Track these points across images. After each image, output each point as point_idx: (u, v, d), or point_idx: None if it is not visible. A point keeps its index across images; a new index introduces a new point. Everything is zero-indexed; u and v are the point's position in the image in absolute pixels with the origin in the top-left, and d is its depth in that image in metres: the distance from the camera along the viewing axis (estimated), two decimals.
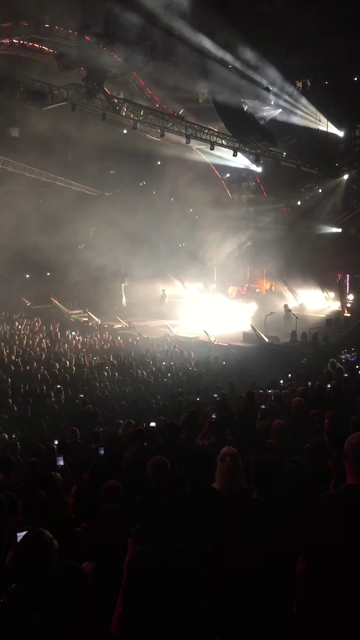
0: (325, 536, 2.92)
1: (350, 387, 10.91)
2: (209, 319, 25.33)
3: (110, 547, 3.47)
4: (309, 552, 3.05)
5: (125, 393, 15.27)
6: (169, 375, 17.88)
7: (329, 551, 2.88)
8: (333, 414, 7.13)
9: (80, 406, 13.45)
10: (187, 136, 24.76)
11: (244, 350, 21.99)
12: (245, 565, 3.11)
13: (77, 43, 21.48)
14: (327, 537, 2.91)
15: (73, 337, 24.58)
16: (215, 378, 17.01)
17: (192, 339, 24.36)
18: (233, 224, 33.94)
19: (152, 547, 1.43)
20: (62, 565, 2.54)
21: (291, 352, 21.56)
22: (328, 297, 29.72)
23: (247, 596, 3.04)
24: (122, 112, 24.29)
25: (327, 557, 2.89)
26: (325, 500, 3.08)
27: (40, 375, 16.43)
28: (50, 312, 31.37)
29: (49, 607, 2.31)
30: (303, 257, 29.78)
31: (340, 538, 2.85)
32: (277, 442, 6.50)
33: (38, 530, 2.97)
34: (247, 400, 10.58)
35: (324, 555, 2.91)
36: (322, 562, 2.92)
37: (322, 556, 2.92)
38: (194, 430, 8.03)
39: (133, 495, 4.21)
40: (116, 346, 23.24)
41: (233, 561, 3.13)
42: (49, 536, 2.94)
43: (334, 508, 2.99)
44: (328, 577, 2.88)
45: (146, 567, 1.36)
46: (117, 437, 9.27)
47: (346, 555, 2.81)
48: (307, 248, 30.04)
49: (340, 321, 25.65)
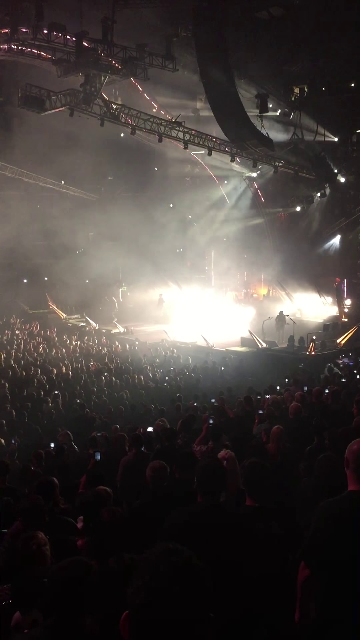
0: (327, 543, 2.91)
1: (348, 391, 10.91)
2: (206, 324, 25.32)
3: None
4: (310, 559, 3.05)
5: (122, 398, 15.24)
6: (167, 380, 17.86)
7: (330, 558, 2.88)
8: None
9: (78, 411, 13.42)
10: (184, 142, 24.83)
11: (242, 355, 21.99)
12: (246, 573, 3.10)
13: (75, 49, 21.56)
14: (328, 544, 2.90)
15: (71, 342, 24.57)
16: (213, 383, 17.01)
17: (190, 344, 24.36)
18: (231, 229, 34.00)
19: (159, 550, 1.42)
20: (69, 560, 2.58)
21: (288, 357, 21.58)
22: (325, 302, 29.76)
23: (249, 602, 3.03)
24: (121, 117, 24.35)
25: (328, 564, 2.89)
26: (327, 507, 3.06)
27: (37, 380, 16.40)
28: (48, 317, 31.35)
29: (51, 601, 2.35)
30: (300, 262, 29.87)
31: (341, 545, 2.85)
32: (275, 447, 6.50)
33: None
34: (244, 405, 10.59)
35: (325, 562, 2.90)
36: (323, 569, 2.92)
37: (324, 563, 2.91)
38: (190, 435, 8.02)
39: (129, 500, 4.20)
40: (114, 351, 23.22)
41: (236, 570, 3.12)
42: None
43: (336, 515, 2.97)
44: (330, 584, 2.88)
45: (153, 570, 1.35)
46: (114, 442, 9.26)
47: (348, 562, 2.81)
48: (305, 253, 30.14)
49: (337, 326, 25.68)
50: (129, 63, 22.23)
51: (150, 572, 1.33)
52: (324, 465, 4.17)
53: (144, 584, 1.31)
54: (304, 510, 3.58)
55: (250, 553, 3.13)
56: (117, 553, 3.18)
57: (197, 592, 1.32)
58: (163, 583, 1.30)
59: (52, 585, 2.44)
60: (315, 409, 8.85)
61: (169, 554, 1.37)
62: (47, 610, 2.45)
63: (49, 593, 2.44)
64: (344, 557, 2.82)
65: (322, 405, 9.10)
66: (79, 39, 21.28)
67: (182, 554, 1.38)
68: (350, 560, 2.80)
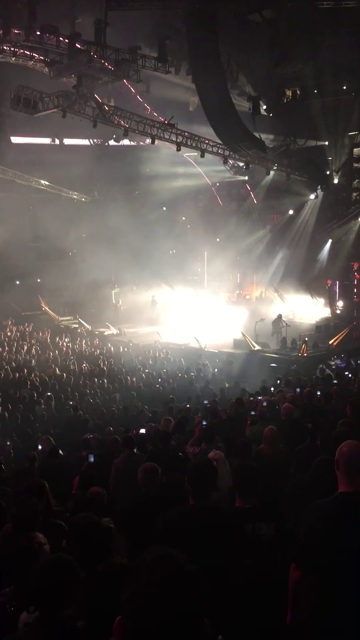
0: (319, 544, 2.93)
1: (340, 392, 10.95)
2: (199, 326, 25.35)
3: None
4: (302, 560, 3.07)
5: (115, 400, 15.24)
6: (160, 381, 17.88)
7: (322, 559, 2.89)
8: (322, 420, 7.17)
9: (71, 413, 13.42)
10: (177, 144, 24.85)
11: (234, 357, 22.03)
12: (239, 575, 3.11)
13: (68, 50, 21.55)
14: (320, 546, 2.92)
15: (63, 344, 24.53)
16: (206, 385, 17.04)
17: (183, 345, 24.37)
18: (223, 230, 34.06)
19: (153, 556, 1.41)
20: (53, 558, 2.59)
21: (281, 358, 21.64)
22: (317, 304, 29.85)
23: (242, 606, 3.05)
24: (113, 119, 24.34)
25: (320, 566, 2.90)
26: (318, 508, 3.07)
27: (30, 382, 16.37)
28: (41, 319, 31.29)
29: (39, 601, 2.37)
30: (293, 264, 29.97)
31: (333, 546, 2.86)
32: (268, 448, 6.52)
33: None
34: (237, 406, 10.61)
35: (317, 563, 2.92)
36: (315, 571, 2.94)
37: (316, 564, 2.93)
38: (183, 436, 8.04)
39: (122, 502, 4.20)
40: (107, 353, 23.20)
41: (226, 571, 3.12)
42: None
43: (327, 516, 2.99)
44: (322, 585, 2.90)
45: (148, 577, 1.35)
46: (108, 444, 9.25)
47: (339, 563, 2.83)
48: (297, 255, 30.24)
49: (330, 328, 25.78)
50: (121, 65, 22.25)
51: (144, 578, 1.33)
52: (321, 467, 4.19)
53: (139, 591, 1.32)
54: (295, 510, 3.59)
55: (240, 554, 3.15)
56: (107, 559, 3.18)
57: (192, 598, 1.32)
58: (158, 589, 1.30)
59: (34, 581, 2.47)
60: (307, 410, 8.89)
61: (163, 560, 1.37)
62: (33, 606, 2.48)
63: (31, 589, 2.47)
64: (336, 558, 2.84)
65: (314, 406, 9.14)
66: (72, 40, 21.28)
67: (176, 560, 1.38)
68: (341, 561, 2.82)
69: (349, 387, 12.59)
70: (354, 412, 6.41)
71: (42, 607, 2.42)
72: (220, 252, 32.94)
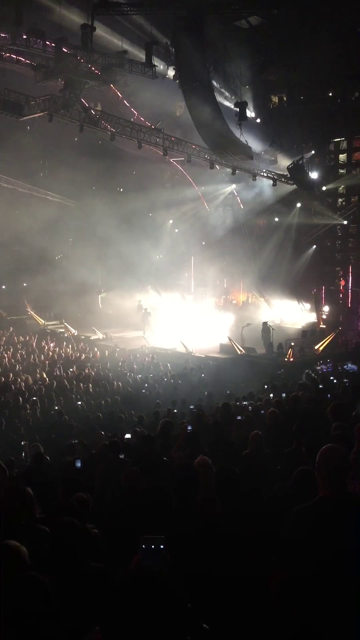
0: (300, 548, 2.93)
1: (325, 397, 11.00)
2: (186, 330, 25.35)
3: None
4: (282, 563, 3.06)
5: (100, 405, 15.17)
6: (146, 386, 17.83)
7: (304, 563, 2.89)
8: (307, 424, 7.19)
9: (56, 418, 13.33)
10: (164, 149, 24.90)
11: (221, 362, 22.05)
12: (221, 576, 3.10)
13: (54, 55, 21.53)
14: (302, 550, 2.92)
15: (49, 349, 24.41)
16: (192, 389, 17.02)
17: (169, 350, 24.35)
18: (210, 235, 34.14)
19: (134, 574, 1.44)
20: (24, 577, 2.54)
21: (267, 363, 21.69)
22: (304, 309, 29.99)
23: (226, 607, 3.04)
24: (100, 123, 24.33)
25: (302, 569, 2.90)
26: (300, 513, 3.08)
27: (15, 387, 16.25)
28: (26, 323, 31.11)
29: None
30: (279, 269, 30.09)
31: (313, 550, 2.87)
32: (254, 453, 6.52)
33: None
34: (223, 411, 10.60)
35: (299, 567, 2.92)
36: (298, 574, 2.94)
37: (298, 568, 2.93)
38: (167, 441, 8.01)
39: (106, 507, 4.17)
40: (93, 357, 23.12)
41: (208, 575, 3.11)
42: None
43: (309, 520, 3.00)
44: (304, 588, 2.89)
45: (129, 593, 1.37)
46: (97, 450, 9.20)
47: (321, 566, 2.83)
48: (283, 260, 30.37)
49: (315, 333, 25.89)
50: (108, 69, 22.27)
51: (126, 594, 1.35)
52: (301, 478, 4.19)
53: (120, 605, 1.34)
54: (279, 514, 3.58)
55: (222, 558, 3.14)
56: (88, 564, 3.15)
57: (172, 615, 1.34)
58: (138, 606, 1.33)
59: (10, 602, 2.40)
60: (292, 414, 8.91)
61: (143, 578, 1.39)
62: None
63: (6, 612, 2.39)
64: (318, 562, 2.84)
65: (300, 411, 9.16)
66: (58, 44, 21.26)
67: (157, 578, 1.40)
68: (322, 564, 2.83)
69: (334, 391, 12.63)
70: (335, 418, 6.44)
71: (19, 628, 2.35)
72: (207, 258, 33.01)
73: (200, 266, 34.69)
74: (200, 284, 35.59)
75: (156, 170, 33.12)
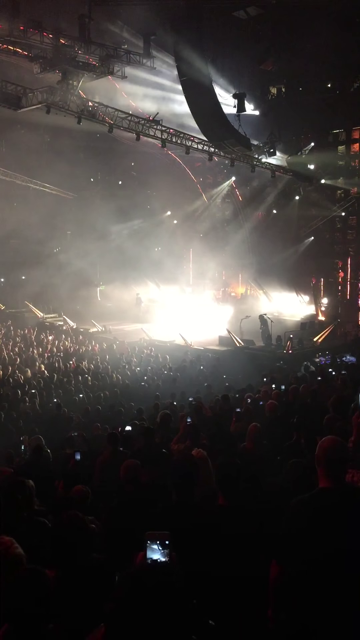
0: (299, 541, 2.93)
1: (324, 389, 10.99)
2: (185, 323, 25.34)
3: None
4: (281, 557, 3.06)
5: (100, 397, 15.18)
6: (145, 379, 17.84)
7: (302, 556, 2.89)
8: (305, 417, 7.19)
9: (55, 410, 13.34)
10: (162, 140, 24.79)
11: (220, 354, 22.06)
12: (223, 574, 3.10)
13: (52, 46, 21.38)
14: (300, 542, 2.92)
15: (48, 342, 24.39)
16: (191, 382, 17.03)
17: (168, 342, 24.36)
18: (209, 228, 34.07)
19: (139, 571, 1.44)
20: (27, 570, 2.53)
21: (266, 355, 21.70)
22: (302, 301, 29.98)
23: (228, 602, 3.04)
24: (98, 115, 24.20)
25: (301, 562, 2.90)
26: (298, 505, 3.07)
27: (13, 380, 16.26)
28: (25, 316, 31.07)
29: None
30: (278, 262, 30.05)
31: (313, 543, 2.86)
32: (252, 445, 6.53)
33: None
34: (222, 403, 10.61)
35: (297, 560, 2.92)
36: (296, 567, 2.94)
37: (296, 561, 2.93)
38: (167, 433, 8.02)
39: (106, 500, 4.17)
40: (91, 350, 23.11)
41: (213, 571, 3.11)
42: None
43: (306, 513, 2.99)
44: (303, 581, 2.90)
45: (134, 590, 1.37)
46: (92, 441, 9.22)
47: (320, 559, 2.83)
48: (282, 252, 30.33)
49: (314, 325, 25.90)
50: (106, 61, 22.13)
51: (131, 591, 1.35)
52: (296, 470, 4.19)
53: (126, 602, 1.34)
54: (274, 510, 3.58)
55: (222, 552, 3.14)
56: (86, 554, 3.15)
57: (178, 611, 1.35)
58: (144, 603, 1.34)
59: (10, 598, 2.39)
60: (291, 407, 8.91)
61: (149, 575, 1.40)
62: None
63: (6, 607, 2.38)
64: (316, 555, 2.84)
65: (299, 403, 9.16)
66: (56, 36, 21.11)
67: (162, 575, 1.41)
68: (322, 557, 2.82)
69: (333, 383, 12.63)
70: (336, 410, 6.44)
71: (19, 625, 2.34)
72: (206, 250, 32.96)
73: (199, 259, 34.63)
74: (199, 277, 35.54)
75: (155, 162, 32.94)
